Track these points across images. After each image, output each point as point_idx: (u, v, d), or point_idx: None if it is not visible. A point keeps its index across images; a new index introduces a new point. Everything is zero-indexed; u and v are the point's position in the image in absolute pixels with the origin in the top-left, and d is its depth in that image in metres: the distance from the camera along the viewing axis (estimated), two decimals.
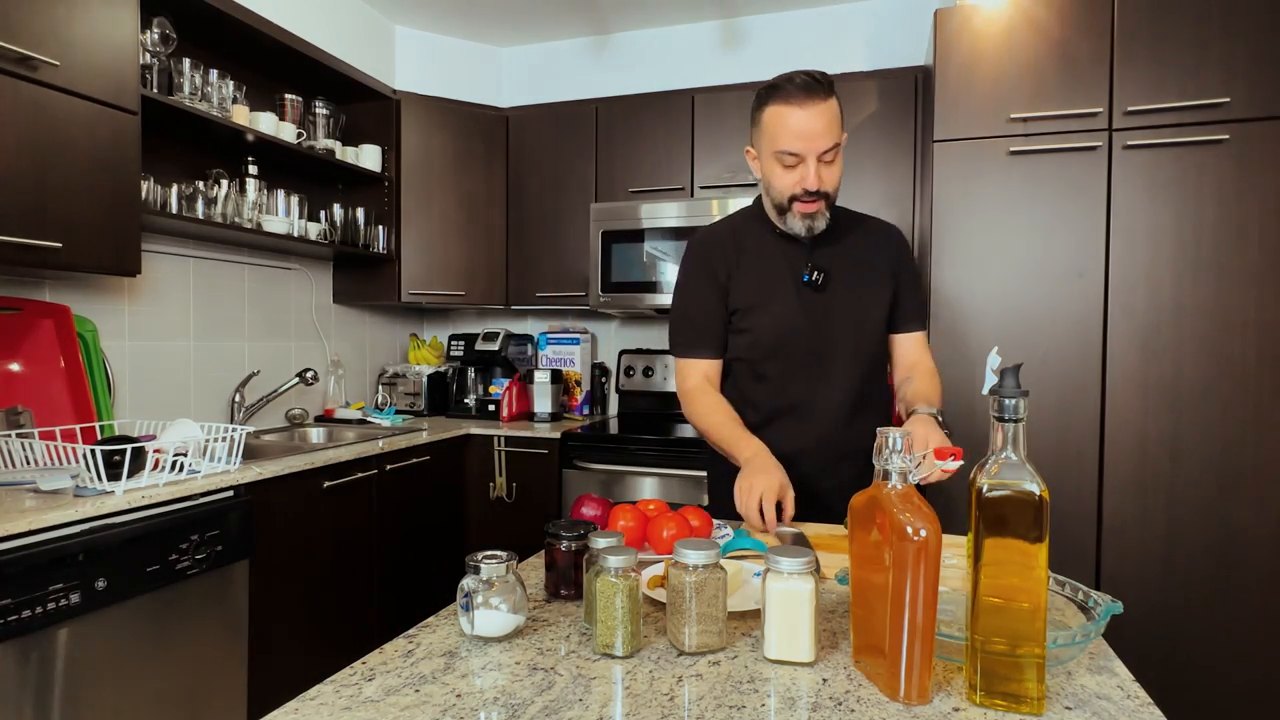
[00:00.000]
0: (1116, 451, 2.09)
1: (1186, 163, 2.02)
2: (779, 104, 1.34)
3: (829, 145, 1.33)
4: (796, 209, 1.39)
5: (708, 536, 1.17)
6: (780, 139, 1.34)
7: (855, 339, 1.46)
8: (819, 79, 1.33)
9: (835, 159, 1.37)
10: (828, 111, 1.33)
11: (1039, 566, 0.68)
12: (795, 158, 1.34)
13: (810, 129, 1.32)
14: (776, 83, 1.35)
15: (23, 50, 1.61)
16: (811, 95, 1.32)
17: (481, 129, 3.14)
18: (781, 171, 1.37)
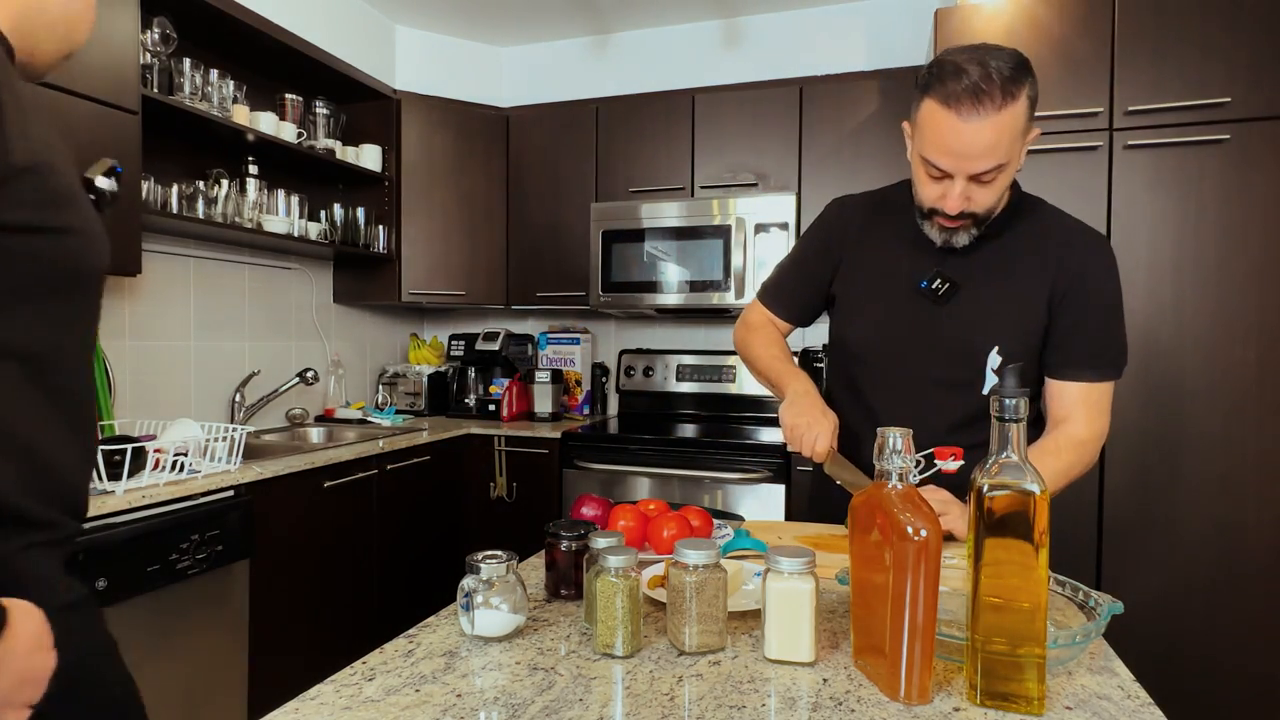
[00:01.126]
0: (1116, 451, 2.09)
1: (1187, 163, 2.02)
2: (937, 101, 1.06)
3: (988, 166, 1.06)
4: (935, 221, 1.17)
5: (708, 536, 1.17)
6: (928, 145, 1.10)
7: (964, 369, 1.20)
8: (998, 76, 1.02)
9: (996, 178, 1.09)
10: (998, 125, 1.03)
11: (1039, 566, 0.68)
12: (941, 172, 1.10)
13: (966, 147, 1.05)
14: (944, 69, 1.05)
15: None
16: (979, 104, 1.02)
17: (482, 129, 3.14)
18: (925, 178, 1.14)
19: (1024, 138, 1.09)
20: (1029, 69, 1.05)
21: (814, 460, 1.19)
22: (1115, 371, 1.22)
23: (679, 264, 2.80)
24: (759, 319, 1.44)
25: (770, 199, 2.67)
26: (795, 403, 1.22)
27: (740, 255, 2.69)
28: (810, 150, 2.74)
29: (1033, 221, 1.23)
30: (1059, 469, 1.14)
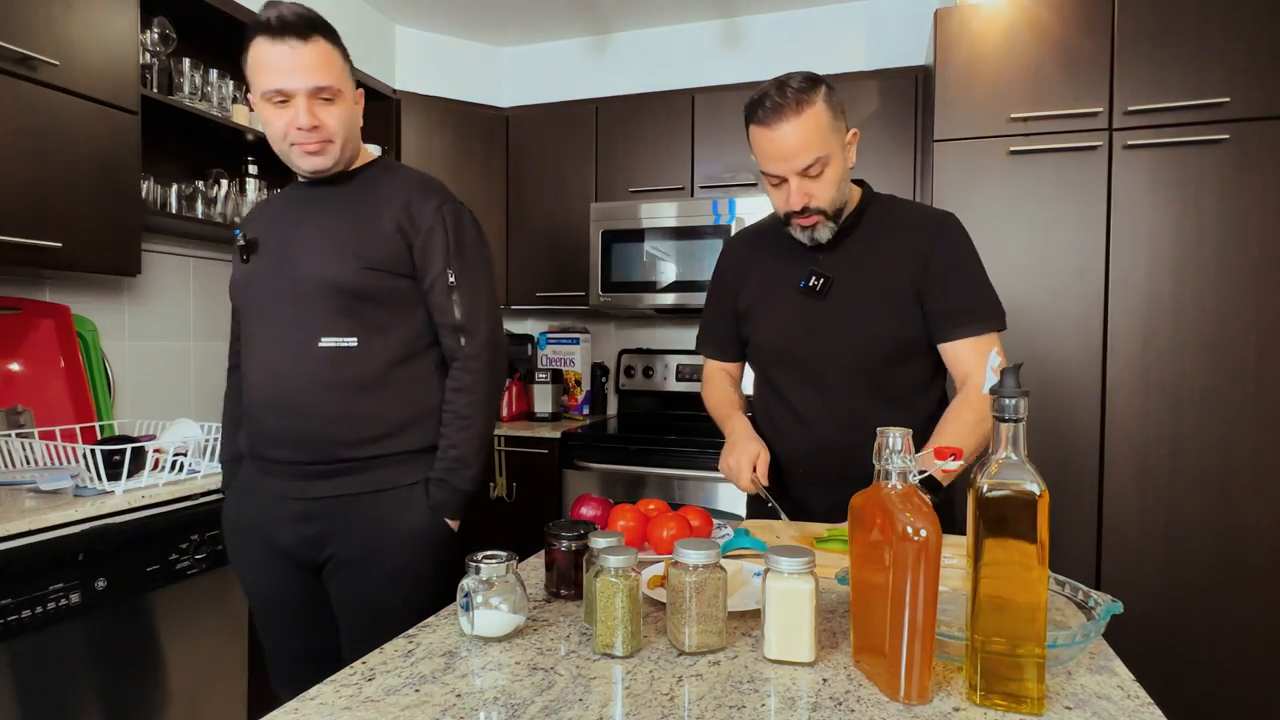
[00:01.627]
0: (1116, 451, 2.09)
1: (1186, 162, 2.02)
2: (753, 125, 1.28)
3: (808, 162, 1.24)
4: (794, 223, 1.33)
5: (708, 536, 1.17)
6: (760, 161, 1.30)
7: (856, 352, 1.34)
8: (789, 90, 1.24)
9: (823, 171, 1.26)
10: (801, 127, 1.23)
11: (1039, 566, 0.68)
12: (777, 178, 1.29)
13: (781, 150, 1.25)
14: (751, 101, 1.29)
15: (23, 50, 1.61)
16: (780, 114, 1.23)
17: (481, 129, 3.14)
18: (771, 190, 1.33)
19: (838, 136, 1.27)
20: (819, 81, 1.26)
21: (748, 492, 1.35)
22: (996, 322, 1.32)
23: (679, 264, 2.80)
24: (709, 370, 1.61)
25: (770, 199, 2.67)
26: (726, 445, 1.40)
27: None
28: None
29: (885, 213, 1.39)
30: (973, 419, 1.25)
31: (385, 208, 1.28)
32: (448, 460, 1.29)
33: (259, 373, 1.26)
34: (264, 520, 1.28)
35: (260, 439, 1.26)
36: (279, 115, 1.22)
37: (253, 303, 1.29)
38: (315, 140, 1.23)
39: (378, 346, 1.24)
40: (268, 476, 1.28)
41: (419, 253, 1.28)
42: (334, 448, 1.22)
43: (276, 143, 1.26)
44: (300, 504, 1.25)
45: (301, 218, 1.29)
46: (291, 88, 1.20)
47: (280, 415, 1.23)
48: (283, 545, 1.27)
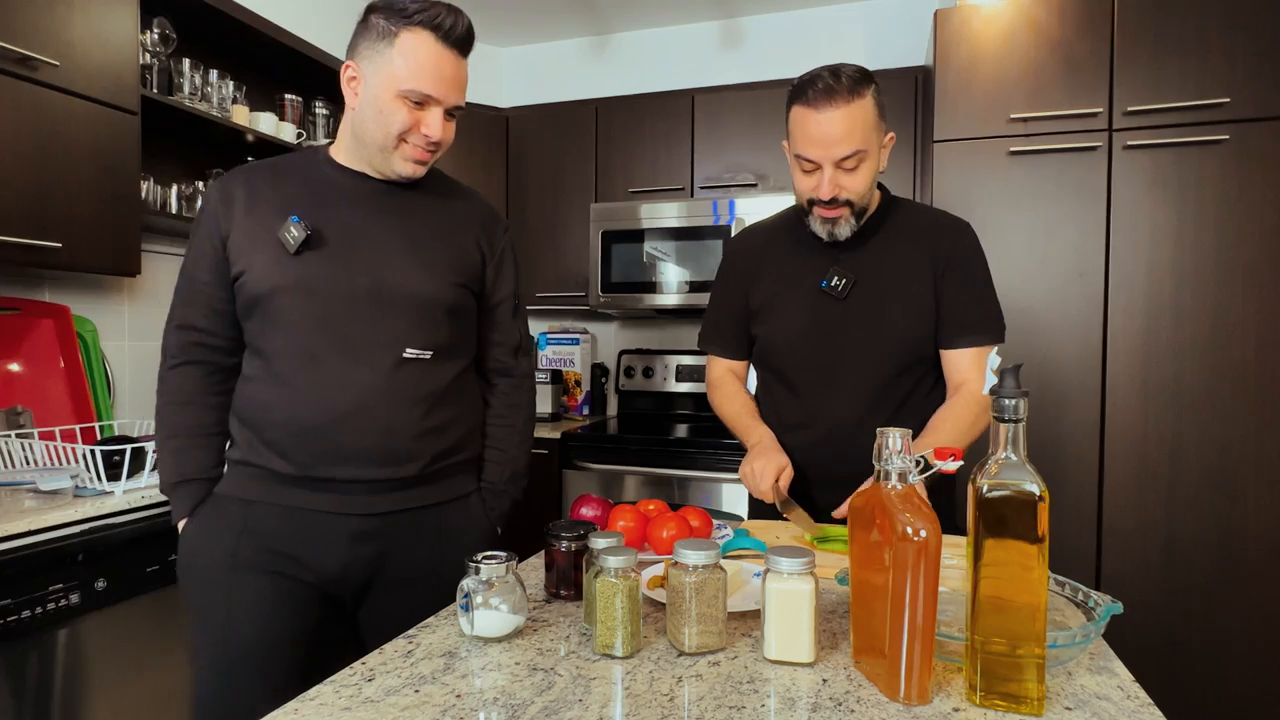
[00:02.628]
0: (1116, 451, 2.09)
1: (1186, 163, 2.02)
2: (799, 105, 1.27)
3: (847, 152, 1.24)
4: (816, 213, 1.32)
5: (708, 536, 1.17)
6: (797, 143, 1.28)
7: (873, 354, 1.35)
8: (845, 77, 1.24)
9: (859, 166, 1.26)
10: (850, 116, 1.23)
11: (1039, 566, 0.68)
12: (812, 164, 1.27)
13: (825, 135, 1.24)
14: (801, 81, 1.28)
15: (23, 50, 1.61)
16: (831, 98, 1.23)
17: (481, 129, 3.14)
18: (801, 175, 1.31)
19: (878, 135, 1.28)
20: (872, 77, 1.27)
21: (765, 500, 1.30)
22: (998, 335, 1.36)
23: (678, 264, 2.80)
24: (717, 373, 1.56)
25: (770, 199, 2.67)
26: (749, 453, 1.37)
27: None
28: None
29: (906, 217, 1.40)
30: (965, 425, 1.29)
31: (468, 224, 1.28)
32: (508, 473, 1.33)
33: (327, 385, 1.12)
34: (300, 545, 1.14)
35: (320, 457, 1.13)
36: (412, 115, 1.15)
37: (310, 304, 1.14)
38: (432, 150, 1.20)
39: (448, 359, 1.22)
40: (319, 495, 1.15)
41: (492, 274, 1.30)
42: (412, 461, 1.17)
43: (382, 140, 1.15)
44: (361, 521, 1.15)
45: (379, 218, 1.19)
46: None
47: (359, 430, 1.13)
48: (325, 570, 1.15)
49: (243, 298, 1.16)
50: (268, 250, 1.13)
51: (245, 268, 1.14)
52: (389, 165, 1.18)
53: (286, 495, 1.15)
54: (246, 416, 1.17)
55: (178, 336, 1.21)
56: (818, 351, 1.38)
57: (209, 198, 1.19)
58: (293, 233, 1.13)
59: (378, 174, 1.21)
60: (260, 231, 1.14)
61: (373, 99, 1.13)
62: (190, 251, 1.20)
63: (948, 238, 1.35)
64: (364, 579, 1.19)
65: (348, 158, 1.21)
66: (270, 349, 1.15)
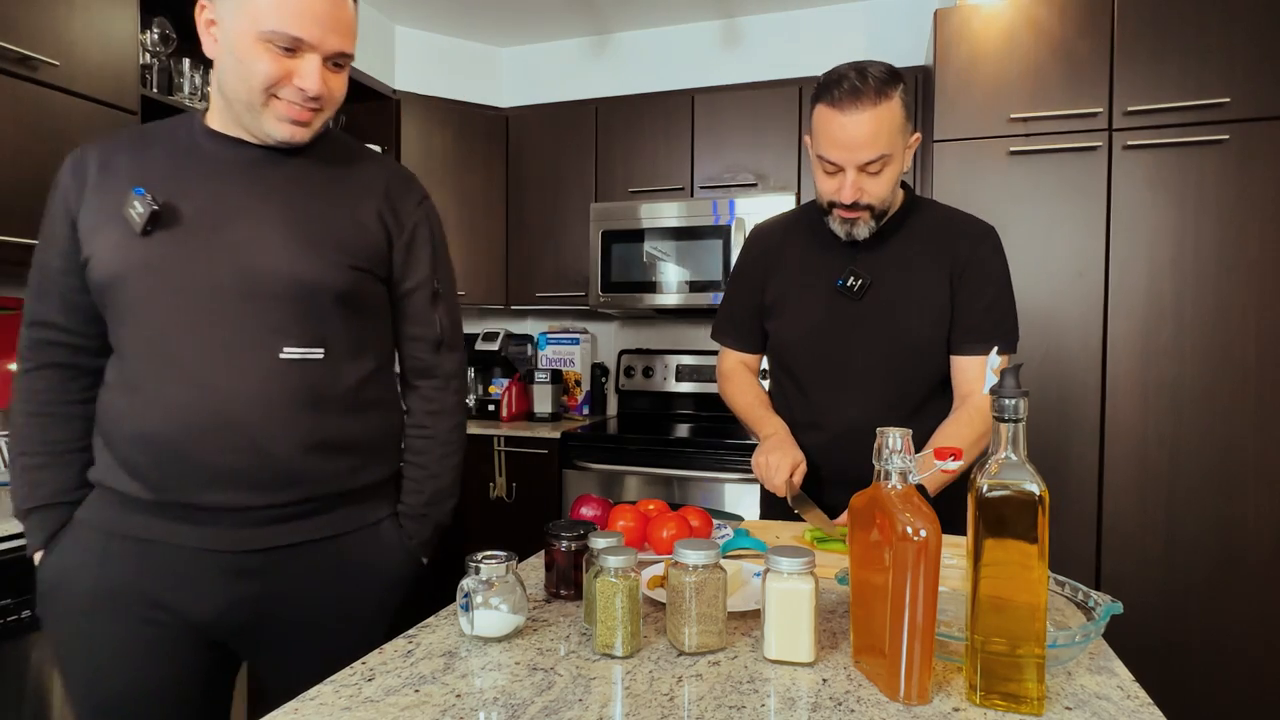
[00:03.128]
0: (1116, 451, 2.09)
1: (1186, 163, 2.02)
2: (823, 104, 1.22)
3: (871, 157, 1.21)
4: (836, 214, 1.29)
5: (708, 536, 1.17)
6: (821, 143, 1.25)
7: (888, 357, 1.33)
8: (872, 78, 1.19)
9: (883, 169, 1.23)
10: (875, 120, 1.19)
11: (1039, 566, 0.68)
12: (834, 166, 1.24)
13: (850, 139, 1.20)
14: (829, 79, 1.23)
15: (23, 50, 1.61)
16: (857, 101, 1.18)
17: (481, 129, 3.14)
18: (823, 175, 1.28)
19: (904, 137, 1.24)
20: (900, 77, 1.22)
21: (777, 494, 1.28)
22: (1011, 345, 1.33)
23: (678, 264, 2.80)
24: (729, 365, 1.54)
25: (770, 199, 2.67)
26: (763, 445, 1.34)
27: None
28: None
29: (927, 217, 1.37)
30: (974, 436, 1.25)
31: (367, 195, 1.06)
32: (428, 492, 1.13)
33: (183, 392, 0.93)
34: (165, 585, 0.96)
35: (180, 480, 0.94)
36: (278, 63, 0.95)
37: (163, 295, 0.94)
38: (312, 107, 0.98)
39: (347, 359, 1.02)
40: (183, 526, 0.96)
41: (400, 253, 1.09)
42: (298, 484, 0.98)
43: (246, 96, 0.96)
44: (238, 558, 0.97)
45: (252, 191, 0.99)
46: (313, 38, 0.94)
47: (224, 447, 0.93)
48: (198, 615, 0.97)
49: (92, 287, 0.98)
50: (114, 230, 0.95)
51: (91, 251, 0.96)
52: (260, 127, 0.98)
53: (145, 526, 0.96)
54: (103, 430, 0.98)
55: (31, 335, 1.02)
56: (831, 351, 1.36)
57: (61, 172, 1.01)
58: (136, 208, 0.93)
59: (255, 139, 1.01)
60: (109, 208, 0.96)
61: (231, 45, 0.94)
62: (41, 236, 1.02)
63: (968, 241, 1.33)
64: (250, 622, 1.00)
65: (220, 121, 1.01)
66: (123, 348, 0.97)
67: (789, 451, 1.29)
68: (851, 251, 1.35)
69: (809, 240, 1.40)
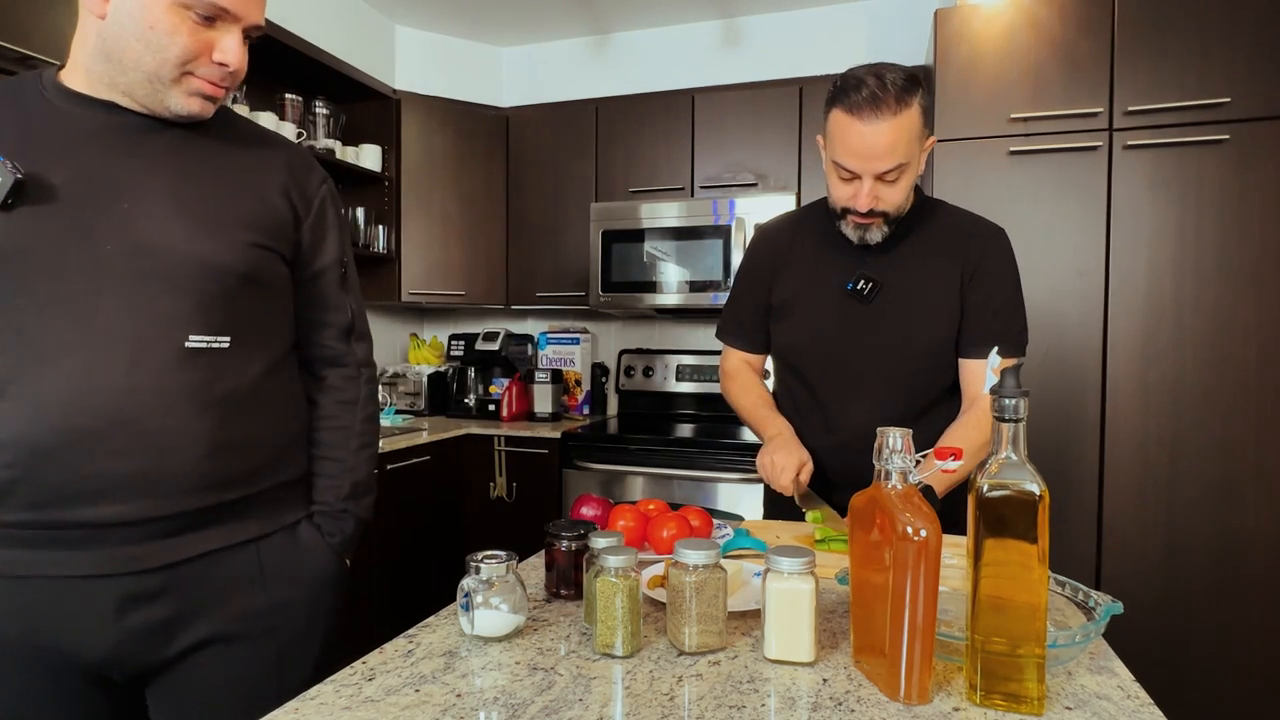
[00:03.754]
0: (1117, 452, 2.09)
1: (1186, 163, 2.02)
2: (840, 110, 1.19)
3: (889, 166, 1.18)
4: (850, 219, 1.28)
5: (708, 536, 1.17)
6: (837, 150, 1.22)
7: (899, 359, 1.32)
8: (892, 85, 1.15)
9: (900, 178, 1.21)
10: (895, 129, 1.16)
11: (1039, 566, 0.68)
12: (850, 173, 1.22)
13: (868, 148, 1.17)
14: (846, 83, 1.19)
15: (23, 50, 1.61)
16: (877, 109, 1.15)
17: (481, 129, 3.14)
18: (837, 181, 1.26)
19: (921, 142, 1.22)
20: (919, 82, 1.19)
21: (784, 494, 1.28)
22: (1019, 349, 1.32)
23: (679, 264, 2.80)
24: (733, 365, 1.52)
25: (770, 199, 2.67)
26: (767, 445, 1.32)
27: (740, 255, 2.68)
28: (810, 150, 2.74)
29: (938, 219, 1.35)
30: (981, 440, 1.24)
31: (271, 171, 0.97)
32: (346, 488, 1.05)
33: (61, 389, 0.81)
34: (45, 626, 0.83)
35: (59, 495, 0.81)
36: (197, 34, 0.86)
37: (30, 279, 0.82)
38: (227, 84, 0.91)
39: (252, 349, 0.93)
40: (61, 552, 0.83)
41: (308, 233, 1.00)
42: (201, 489, 0.87)
43: (155, 68, 0.86)
44: (138, 580, 0.85)
45: (135, 161, 0.88)
46: None
47: (117, 451, 0.82)
48: (91, 655, 0.85)
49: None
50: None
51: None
52: (162, 101, 0.88)
53: (9, 561, 0.83)
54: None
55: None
56: (840, 354, 1.35)
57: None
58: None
59: (141, 107, 0.89)
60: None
61: (137, 8, 0.83)
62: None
63: (978, 243, 1.31)
64: (155, 653, 0.88)
65: (89, 82, 0.88)
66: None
67: (794, 451, 1.28)
68: (861, 254, 1.33)
69: (818, 241, 1.39)
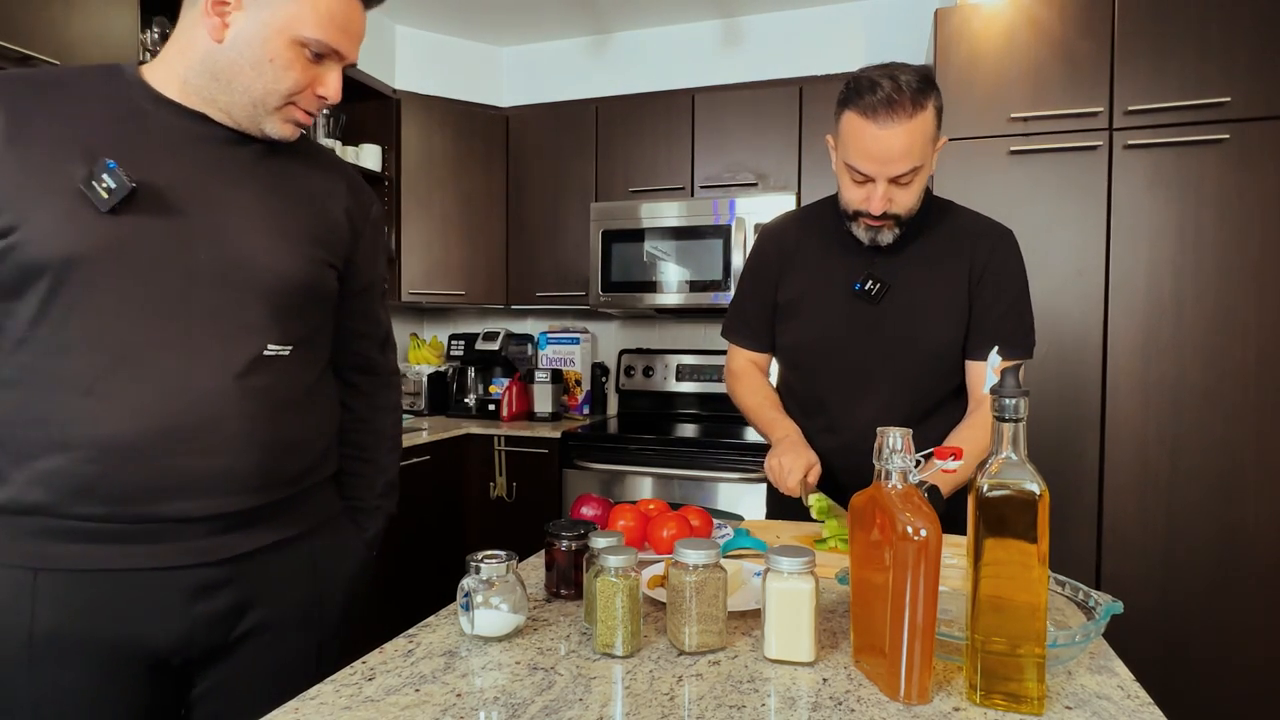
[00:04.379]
0: (1117, 451, 2.09)
1: (1186, 162, 2.02)
2: (854, 112, 1.17)
3: (904, 170, 1.18)
4: (861, 222, 1.27)
5: (708, 536, 1.17)
6: (851, 153, 1.20)
7: (906, 360, 1.31)
8: (908, 88, 1.14)
9: (913, 180, 1.20)
10: (911, 132, 1.15)
11: (1039, 566, 0.68)
12: (864, 176, 1.20)
13: (884, 152, 1.16)
14: (860, 84, 1.17)
15: (23, 50, 1.61)
16: (893, 113, 1.14)
17: (481, 129, 3.14)
18: (849, 183, 1.24)
19: (934, 144, 1.21)
20: (934, 83, 1.18)
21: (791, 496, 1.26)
22: (1026, 351, 1.32)
23: (679, 264, 2.80)
24: (739, 364, 1.51)
25: (770, 199, 2.67)
26: (775, 448, 1.31)
27: (740, 255, 2.69)
28: (810, 150, 2.74)
29: (947, 220, 1.35)
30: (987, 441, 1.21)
31: (337, 191, 1.04)
32: (380, 485, 1.15)
33: (150, 390, 0.84)
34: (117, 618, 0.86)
35: (139, 491, 0.84)
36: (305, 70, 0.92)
37: (125, 282, 0.84)
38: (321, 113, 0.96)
39: (306, 357, 0.99)
40: (137, 546, 0.86)
41: (363, 250, 1.08)
42: (265, 487, 0.93)
43: (262, 95, 0.90)
44: (208, 571, 0.90)
45: (224, 173, 0.92)
46: None
47: (201, 450, 0.86)
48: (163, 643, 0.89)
49: (7, 267, 0.82)
50: (56, 201, 0.81)
51: (15, 223, 0.81)
52: (259, 123, 0.93)
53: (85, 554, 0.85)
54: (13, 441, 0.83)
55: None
56: (848, 354, 1.34)
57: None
58: (106, 183, 0.82)
59: (232, 123, 0.93)
60: (38, 173, 0.82)
61: (258, 40, 0.88)
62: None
63: (987, 245, 1.31)
64: (212, 640, 0.93)
65: (183, 92, 0.91)
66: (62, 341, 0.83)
67: (802, 453, 1.27)
68: (869, 254, 1.32)
69: (825, 240, 1.38)
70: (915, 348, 1.31)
